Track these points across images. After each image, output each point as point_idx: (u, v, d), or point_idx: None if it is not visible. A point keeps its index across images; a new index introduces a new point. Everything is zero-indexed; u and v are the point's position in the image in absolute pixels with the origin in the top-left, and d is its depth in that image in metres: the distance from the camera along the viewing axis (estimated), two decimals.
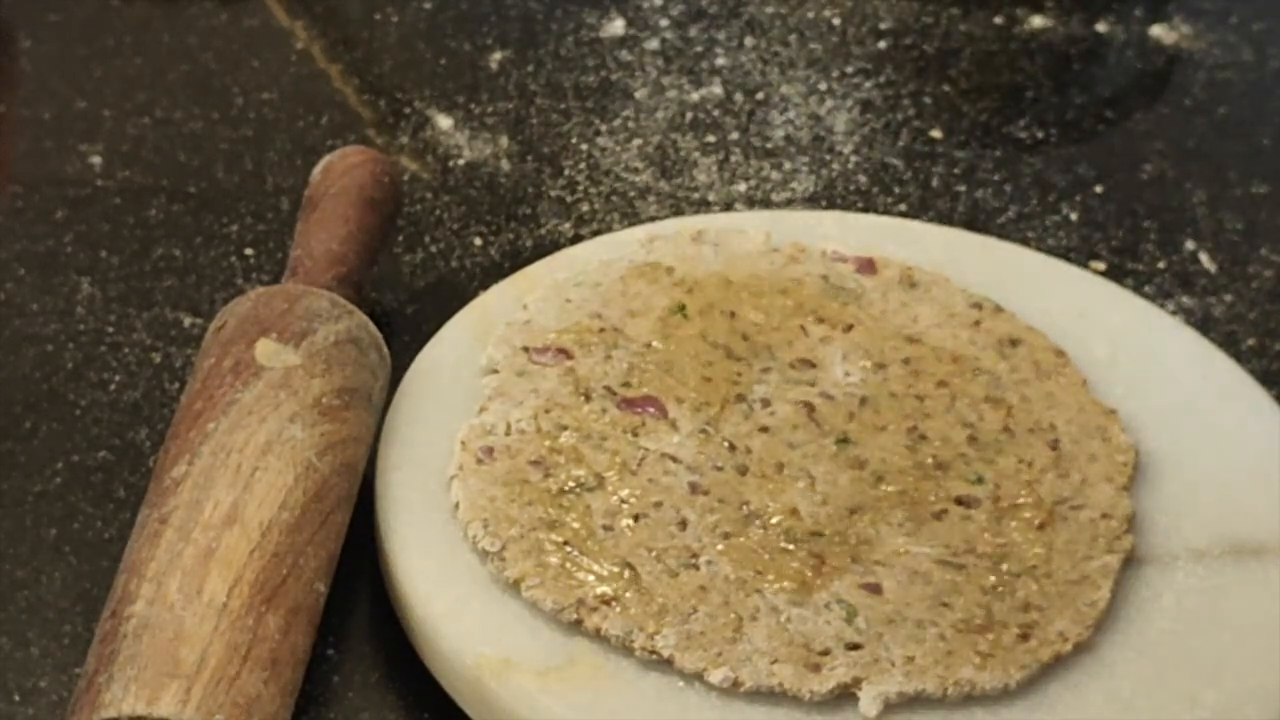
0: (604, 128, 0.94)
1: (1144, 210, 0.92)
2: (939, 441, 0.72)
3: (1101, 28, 1.03)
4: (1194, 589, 0.69)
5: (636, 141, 0.94)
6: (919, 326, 0.77)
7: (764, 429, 0.72)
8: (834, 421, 0.73)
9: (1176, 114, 0.98)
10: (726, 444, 0.71)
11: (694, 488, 0.70)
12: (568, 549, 0.67)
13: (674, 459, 0.70)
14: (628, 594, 0.66)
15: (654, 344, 0.75)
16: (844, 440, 0.72)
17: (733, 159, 0.93)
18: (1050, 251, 0.87)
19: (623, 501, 0.69)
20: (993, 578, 0.68)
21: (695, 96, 0.97)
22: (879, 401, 0.74)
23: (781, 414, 0.73)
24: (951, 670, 0.64)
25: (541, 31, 1.00)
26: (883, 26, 1.02)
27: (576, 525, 0.68)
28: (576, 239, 0.87)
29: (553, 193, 0.90)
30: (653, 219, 0.88)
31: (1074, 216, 0.91)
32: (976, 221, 0.90)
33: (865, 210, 0.90)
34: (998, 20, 1.03)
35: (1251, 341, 0.85)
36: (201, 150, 0.91)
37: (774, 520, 0.69)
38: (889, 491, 0.70)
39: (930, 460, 0.72)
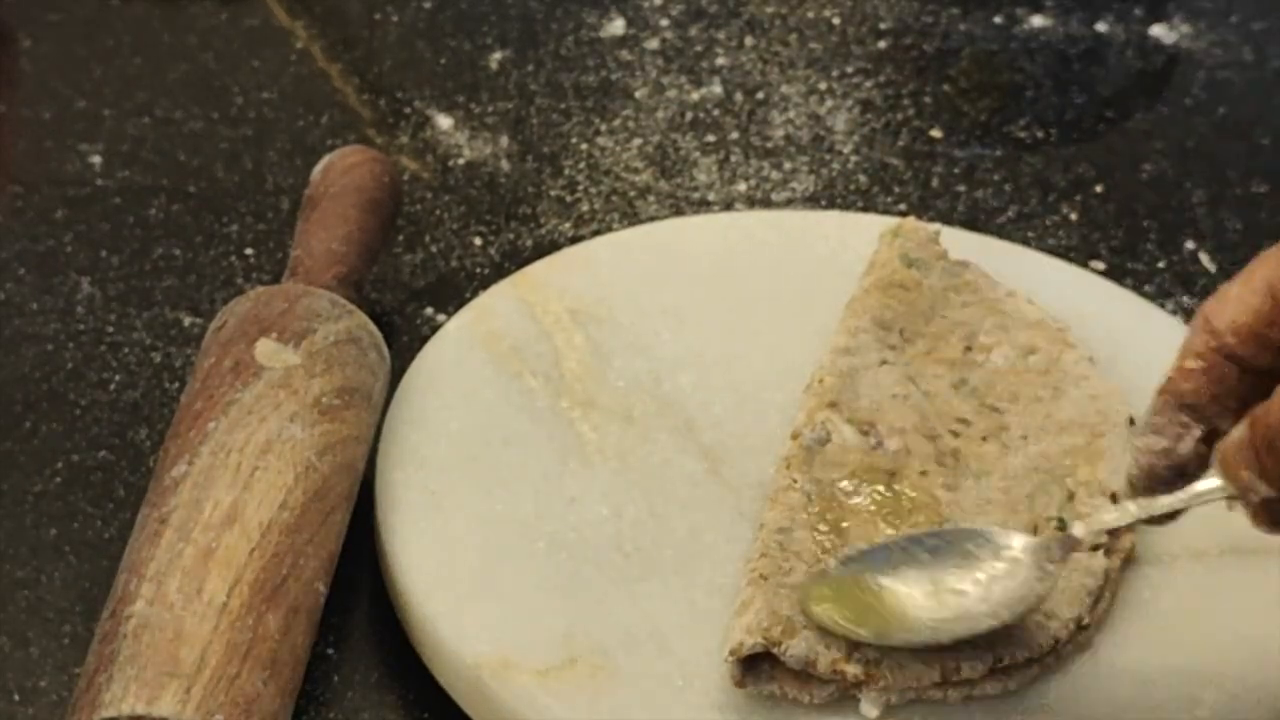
0: (604, 128, 0.94)
1: (1144, 210, 0.92)
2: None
3: (1101, 28, 1.03)
4: (1194, 589, 0.69)
5: (636, 141, 0.94)
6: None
7: None
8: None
9: (1176, 114, 0.98)
10: None
11: None
12: None
13: None
14: None
15: None
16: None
17: (733, 159, 0.93)
18: (1050, 251, 0.87)
19: None
20: None
21: (695, 96, 0.97)
22: None
23: None
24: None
25: (541, 31, 1.00)
26: (883, 26, 1.02)
27: None
28: (576, 239, 0.87)
29: (553, 193, 0.90)
30: (652, 219, 0.88)
31: (1074, 216, 0.91)
32: (976, 221, 0.90)
33: (865, 210, 0.90)
34: (998, 20, 1.03)
35: None
36: (201, 150, 0.91)
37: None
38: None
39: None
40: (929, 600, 0.66)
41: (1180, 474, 0.63)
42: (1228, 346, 0.61)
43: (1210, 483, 0.61)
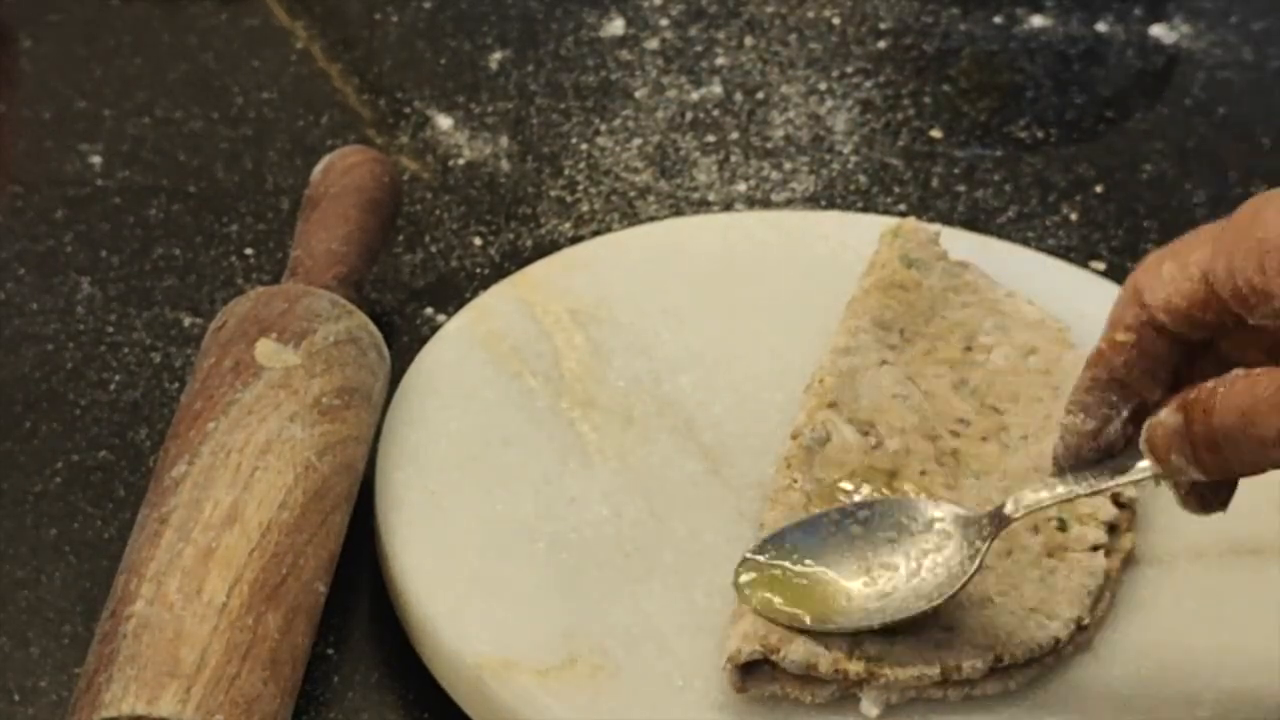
0: (604, 128, 0.94)
1: (1144, 210, 0.92)
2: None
3: (1101, 28, 1.03)
4: (1194, 589, 0.69)
5: (636, 141, 0.94)
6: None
7: None
8: None
9: (1176, 114, 0.98)
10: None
11: None
12: None
13: None
14: None
15: None
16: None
17: (733, 159, 0.93)
18: (1050, 251, 0.87)
19: None
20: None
21: (695, 96, 0.97)
22: None
23: None
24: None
25: (541, 31, 1.00)
26: (883, 26, 1.02)
27: None
28: (576, 239, 0.87)
29: (553, 193, 0.90)
30: (652, 219, 0.88)
31: (1074, 216, 0.91)
32: (976, 221, 0.90)
33: (865, 210, 0.90)
34: (998, 20, 1.03)
35: None
36: (201, 150, 0.91)
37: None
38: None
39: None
40: (861, 579, 0.66)
41: (1107, 454, 0.63)
42: (1159, 323, 0.61)
43: (1140, 465, 0.62)
